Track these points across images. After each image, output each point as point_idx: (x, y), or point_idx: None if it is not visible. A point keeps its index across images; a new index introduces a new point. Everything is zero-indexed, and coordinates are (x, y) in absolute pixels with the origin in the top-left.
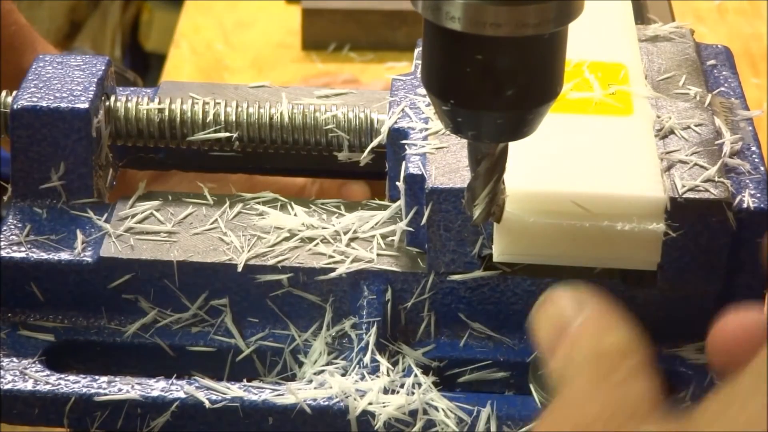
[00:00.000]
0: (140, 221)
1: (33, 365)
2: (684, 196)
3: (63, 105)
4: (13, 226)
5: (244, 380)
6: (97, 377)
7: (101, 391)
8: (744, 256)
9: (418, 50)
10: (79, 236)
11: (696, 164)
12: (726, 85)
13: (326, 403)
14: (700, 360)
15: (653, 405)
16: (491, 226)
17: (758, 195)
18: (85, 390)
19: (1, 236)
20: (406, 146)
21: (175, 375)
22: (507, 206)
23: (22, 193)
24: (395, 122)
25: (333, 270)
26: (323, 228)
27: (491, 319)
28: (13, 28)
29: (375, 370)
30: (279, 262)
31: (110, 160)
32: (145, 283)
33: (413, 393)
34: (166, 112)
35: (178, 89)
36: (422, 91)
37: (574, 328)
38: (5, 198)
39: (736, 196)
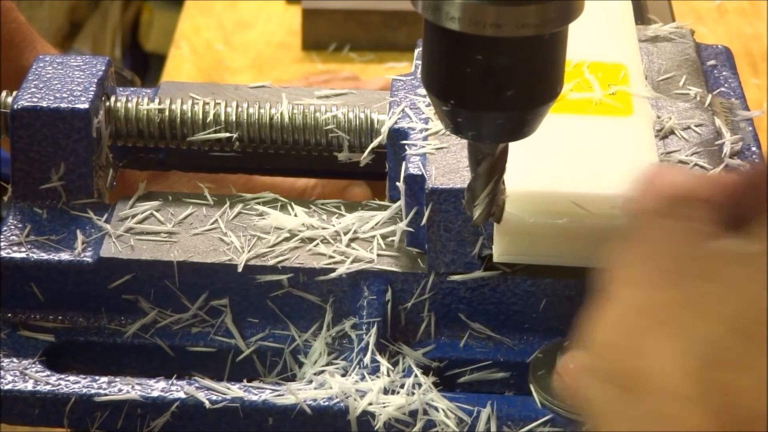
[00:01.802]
0: (140, 221)
1: (33, 365)
2: None
3: (63, 105)
4: (13, 227)
5: (244, 380)
6: (97, 377)
7: (101, 391)
8: None
9: (418, 50)
10: (79, 236)
11: (696, 164)
12: (726, 85)
13: (326, 403)
14: None
15: (721, 228)
16: (491, 226)
17: None
18: (85, 390)
19: (1, 236)
20: (406, 146)
21: (175, 375)
22: (507, 206)
23: (22, 194)
24: (395, 122)
25: (333, 270)
26: (323, 228)
27: (491, 319)
28: (13, 26)
29: (375, 370)
30: (279, 262)
31: (110, 161)
32: (145, 283)
33: (413, 393)
34: (166, 113)
35: (178, 89)
36: (422, 91)
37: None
38: (5, 198)
39: None
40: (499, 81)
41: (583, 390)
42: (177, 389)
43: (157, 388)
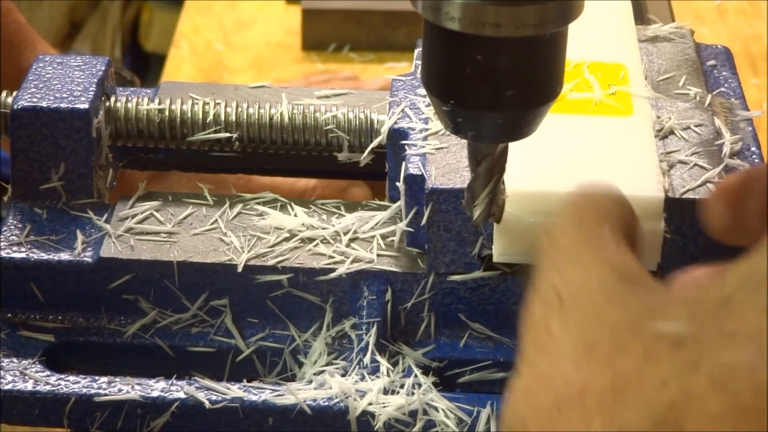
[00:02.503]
0: (140, 221)
1: (33, 365)
2: (684, 196)
3: (63, 105)
4: (13, 227)
5: (244, 380)
6: (97, 377)
7: (101, 391)
8: None
9: (418, 50)
10: (79, 236)
11: (696, 165)
12: (726, 85)
13: (326, 403)
14: None
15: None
16: (491, 226)
17: None
18: (85, 390)
19: (1, 236)
20: (406, 146)
21: (175, 375)
22: (507, 206)
23: (22, 194)
24: (395, 122)
25: (333, 270)
26: (323, 228)
27: (491, 319)
28: (13, 26)
29: (375, 370)
30: (279, 262)
31: (110, 161)
32: (145, 283)
33: (413, 393)
34: (166, 113)
35: (178, 89)
36: (422, 91)
37: None
38: (5, 198)
39: None
40: (499, 81)
41: None
42: (177, 389)
43: (157, 388)
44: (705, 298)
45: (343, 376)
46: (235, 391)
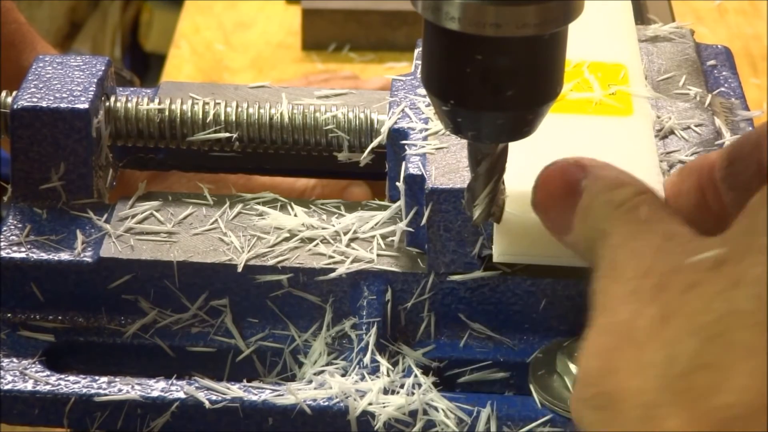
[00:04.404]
0: (140, 221)
1: (33, 365)
2: None
3: (63, 105)
4: (13, 227)
5: (244, 380)
6: (97, 377)
7: (101, 391)
8: None
9: (418, 50)
10: (79, 237)
11: None
12: (726, 85)
13: (326, 403)
14: None
15: (691, 232)
16: (491, 226)
17: None
18: (85, 390)
19: (1, 236)
20: (406, 146)
21: (175, 375)
22: (507, 206)
23: (22, 194)
24: (395, 122)
25: (333, 270)
26: (323, 228)
27: (491, 319)
28: (13, 26)
29: (375, 370)
30: (279, 262)
31: (110, 161)
32: (145, 283)
33: (413, 393)
34: (166, 113)
35: (178, 89)
36: (422, 91)
37: (581, 189)
38: (5, 198)
39: None
40: (499, 81)
41: (576, 420)
42: (177, 389)
43: (157, 388)
44: (732, 230)
45: (343, 376)
46: (235, 391)
